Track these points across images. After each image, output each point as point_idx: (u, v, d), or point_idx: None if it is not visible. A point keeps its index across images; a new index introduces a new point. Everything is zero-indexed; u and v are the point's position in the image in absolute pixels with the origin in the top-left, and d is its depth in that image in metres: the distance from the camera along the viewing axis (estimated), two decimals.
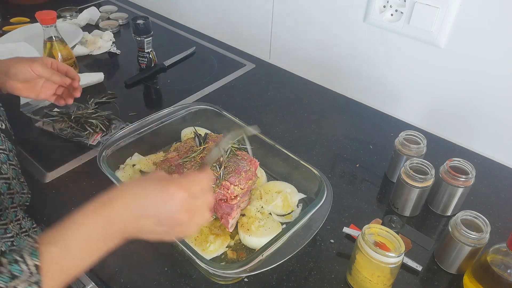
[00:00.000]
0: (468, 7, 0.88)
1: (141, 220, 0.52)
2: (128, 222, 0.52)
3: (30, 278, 0.45)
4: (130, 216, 0.52)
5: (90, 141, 0.96)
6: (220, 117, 0.95)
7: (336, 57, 1.17)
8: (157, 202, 0.53)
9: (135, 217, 0.52)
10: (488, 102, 0.95)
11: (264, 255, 0.66)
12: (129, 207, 0.52)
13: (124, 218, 0.52)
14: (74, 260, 0.49)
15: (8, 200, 0.70)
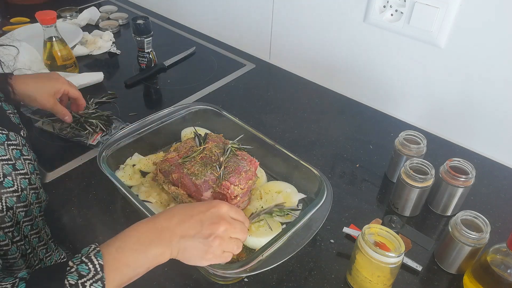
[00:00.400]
0: (468, 7, 0.88)
1: (185, 225, 0.58)
2: (173, 226, 0.58)
3: (95, 276, 0.51)
4: (176, 221, 0.59)
5: (90, 141, 0.96)
6: (220, 117, 0.95)
7: (336, 57, 1.17)
8: (201, 210, 0.60)
9: (180, 221, 0.59)
10: (488, 102, 0.95)
11: (264, 255, 0.66)
12: (175, 215, 0.59)
13: (170, 224, 0.58)
14: (129, 260, 0.54)
15: (33, 195, 0.71)
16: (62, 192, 0.87)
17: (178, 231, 0.58)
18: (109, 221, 0.81)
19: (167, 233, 0.57)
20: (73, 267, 0.51)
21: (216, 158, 0.78)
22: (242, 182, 0.75)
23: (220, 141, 0.84)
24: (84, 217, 0.81)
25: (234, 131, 0.90)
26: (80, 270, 0.51)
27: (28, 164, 0.71)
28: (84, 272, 0.51)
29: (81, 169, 0.92)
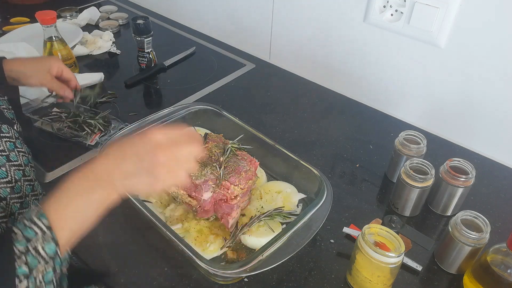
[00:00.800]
0: (468, 7, 0.88)
1: (123, 164, 0.55)
2: (111, 168, 0.55)
3: (45, 236, 0.50)
4: (112, 162, 0.55)
5: (88, 141, 0.96)
6: (220, 117, 0.95)
7: (336, 57, 1.17)
8: (134, 142, 0.55)
9: (116, 161, 0.55)
10: (488, 102, 0.95)
11: (264, 255, 0.66)
12: (109, 156, 0.56)
13: (108, 166, 0.55)
14: (74, 212, 0.53)
15: (28, 187, 0.70)
16: None
17: (117, 172, 0.55)
18: (109, 221, 0.81)
19: (105, 177, 0.54)
20: (18, 233, 0.50)
21: (216, 158, 0.78)
22: (242, 182, 0.75)
23: (220, 141, 0.84)
24: None
25: (234, 131, 0.90)
26: (26, 235, 0.49)
27: (22, 156, 0.71)
28: (31, 235, 0.50)
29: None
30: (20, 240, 0.49)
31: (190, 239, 0.74)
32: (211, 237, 0.75)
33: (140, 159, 0.55)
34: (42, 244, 0.50)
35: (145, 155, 0.54)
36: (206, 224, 0.78)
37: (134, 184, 0.55)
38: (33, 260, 0.49)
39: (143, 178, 0.55)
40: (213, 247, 0.74)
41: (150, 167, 0.54)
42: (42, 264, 0.50)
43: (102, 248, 0.76)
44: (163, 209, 0.80)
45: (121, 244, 0.77)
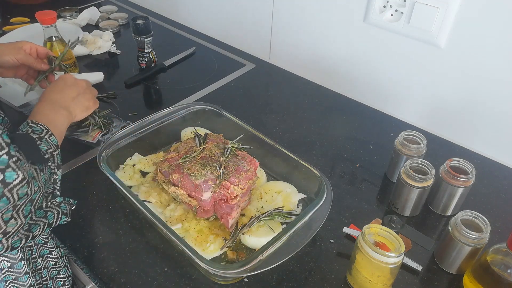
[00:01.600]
0: (468, 7, 0.88)
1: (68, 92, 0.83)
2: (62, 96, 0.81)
3: (48, 132, 0.70)
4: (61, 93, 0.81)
5: (90, 139, 0.96)
6: (220, 117, 0.95)
7: (336, 57, 1.17)
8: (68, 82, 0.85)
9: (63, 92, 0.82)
10: (488, 102, 0.95)
11: (264, 255, 0.66)
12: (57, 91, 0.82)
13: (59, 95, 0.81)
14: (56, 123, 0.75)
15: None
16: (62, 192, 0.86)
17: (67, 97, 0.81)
18: (109, 221, 0.81)
19: (59, 102, 0.79)
20: (28, 130, 0.67)
21: (216, 158, 0.78)
22: (242, 182, 0.75)
23: (220, 141, 0.84)
24: (84, 217, 0.81)
25: (234, 131, 0.90)
26: (35, 130, 0.68)
27: None
28: (38, 131, 0.68)
29: (81, 169, 0.92)
30: (31, 134, 0.66)
31: (190, 239, 0.74)
32: (211, 237, 0.75)
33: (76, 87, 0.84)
34: (48, 136, 0.69)
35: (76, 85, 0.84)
36: (206, 224, 0.78)
37: (79, 101, 0.83)
38: (47, 145, 0.67)
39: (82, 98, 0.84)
40: (213, 247, 0.74)
41: (82, 90, 0.85)
42: (53, 148, 0.68)
43: (102, 248, 0.76)
44: (163, 209, 0.80)
45: (121, 244, 0.77)
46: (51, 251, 0.75)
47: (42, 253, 0.74)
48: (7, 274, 0.67)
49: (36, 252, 0.73)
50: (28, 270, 0.69)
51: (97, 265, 0.73)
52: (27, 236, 0.61)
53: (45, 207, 0.66)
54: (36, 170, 0.62)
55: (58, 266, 0.78)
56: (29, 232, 0.62)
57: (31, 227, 0.62)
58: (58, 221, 0.68)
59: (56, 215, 0.67)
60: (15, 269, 0.67)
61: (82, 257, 0.75)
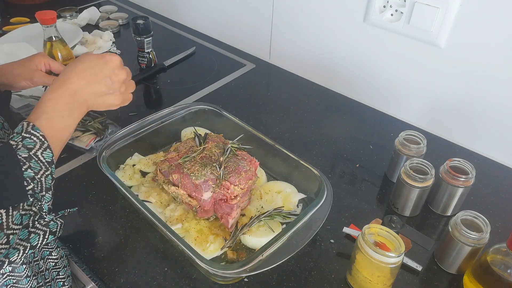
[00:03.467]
0: (468, 7, 0.88)
1: (97, 85, 0.66)
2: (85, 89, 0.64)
3: (42, 146, 0.57)
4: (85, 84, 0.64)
5: (83, 145, 0.95)
6: (220, 117, 0.95)
7: (336, 57, 1.17)
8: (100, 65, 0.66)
9: (90, 83, 0.65)
10: (488, 102, 0.95)
11: (264, 255, 0.66)
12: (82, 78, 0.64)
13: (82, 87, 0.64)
14: (59, 125, 0.61)
15: None
16: (62, 192, 0.87)
17: (91, 92, 0.65)
18: (109, 221, 0.81)
19: (80, 96, 0.64)
20: (18, 143, 0.55)
21: (216, 158, 0.78)
22: (242, 182, 0.75)
23: (220, 141, 0.84)
24: (84, 217, 0.81)
25: (234, 131, 0.90)
26: (26, 144, 0.55)
27: None
28: (31, 145, 0.56)
29: (81, 169, 0.92)
30: (21, 149, 0.55)
31: (190, 239, 0.74)
32: (211, 237, 0.75)
33: (110, 81, 0.67)
34: (41, 151, 0.56)
35: (113, 77, 0.67)
36: (206, 224, 0.78)
37: (105, 100, 0.68)
38: (36, 165, 0.56)
39: (110, 97, 0.68)
40: (213, 247, 0.74)
41: (117, 86, 0.68)
42: (43, 170, 0.56)
43: (102, 248, 0.76)
44: (163, 209, 0.80)
45: (121, 244, 0.77)
46: (51, 252, 0.75)
47: (43, 255, 0.74)
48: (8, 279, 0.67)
49: (38, 255, 0.73)
50: (30, 274, 0.69)
51: (97, 265, 0.73)
52: (3, 263, 0.54)
53: (31, 226, 0.58)
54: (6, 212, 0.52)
55: (57, 267, 0.78)
56: (6, 258, 0.55)
57: (9, 252, 0.55)
58: (43, 242, 0.60)
59: (41, 236, 0.59)
60: (16, 273, 0.67)
61: (82, 257, 0.75)
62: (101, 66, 0.66)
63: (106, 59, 0.67)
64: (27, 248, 0.57)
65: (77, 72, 0.64)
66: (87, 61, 0.66)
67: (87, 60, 0.66)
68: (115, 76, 0.67)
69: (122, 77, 0.68)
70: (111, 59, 0.67)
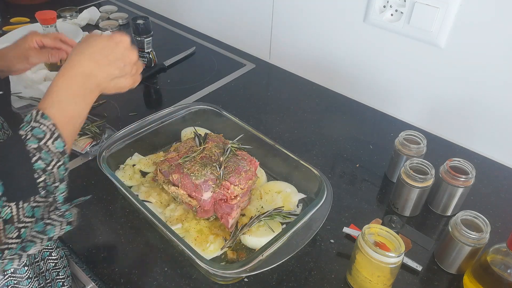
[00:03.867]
0: (468, 7, 0.88)
1: (108, 68, 0.63)
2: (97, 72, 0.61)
3: (53, 135, 0.54)
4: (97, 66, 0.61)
5: (78, 149, 0.93)
6: (220, 117, 0.95)
7: (336, 57, 1.17)
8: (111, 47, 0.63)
9: (101, 66, 0.62)
10: (488, 102, 0.95)
11: (264, 255, 0.66)
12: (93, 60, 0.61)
13: (94, 70, 0.61)
14: (74, 112, 0.58)
15: None
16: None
17: (104, 75, 0.62)
18: (109, 221, 0.81)
19: (93, 80, 0.61)
20: (27, 134, 0.52)
21: (216, 158, 0.78)
22: (242, 182, 0.75)
23: (220, 141, 0.84)
24: (84, 217, 0.81)
25: (234, 131, 0.90)
26: (36, 134, 0.52)
27: None
28: (41, 135, 0.53)
29: (81, 169, 0.92)
30: (30, 139, 0.52)
31: (190, 239, 0.74)
32: (211, 237, 0.75)
33: (122, 63, 0.64)
34: (52, 141, 0.53)
35: (125, 59, 0.65)
36: (206, 224, 0.78)
37: (117, 83, 0.65)
38: (47, 156, 0.53)
39: (123, 78, 0.66)
40: (213, 247, 0.74)
41: (129, 69, 0.66)
42: (55, 160, 0.53)
43: (102, 248, 0.76)
44: (163, 209, 0.80)
45: (121, 244, 0.77)
46: (51, 252, 0.75)
47: (43, 256, 0.74)
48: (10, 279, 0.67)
49: (38, 256, 0.73)
50: (31, 275, 0.69)
51: (97, 265, 0.73)
52: (20, 256, 0.53)
53: (46, 218, 0.57)
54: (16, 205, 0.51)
55: (57, 267, 0.78)
56: (22, 252, 0.53)
57: (25, 245, 0.54)
58: (60, 233, 0.58)
59: (58, 227, 0.58)
60: (17, 274, 0.67)
61: (82, 257, 0.75)
62: (112, 48, 0.63)
63: (117, 40, 0.64)
64: (44, 240, 0.56)
65: (88, 55, 0.61)
66: (97, 43, 0.63)
67: (97, 42, 0.63)
68: (127, 57, 0.65)
69: (134, 59, 0.66)
70: (121, 40, 0.65)
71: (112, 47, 0.63)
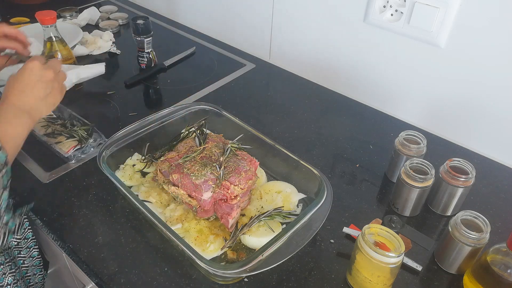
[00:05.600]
0: (468, 7, 0.88)
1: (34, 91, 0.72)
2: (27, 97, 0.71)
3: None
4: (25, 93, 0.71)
5: (63, 152, 0.93)
6: (220, 117, 0.95)
7: (336, 57, 1.17)
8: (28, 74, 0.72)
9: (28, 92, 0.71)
10: (488, 102, 0.95)
11: (264, 255, 0.66)
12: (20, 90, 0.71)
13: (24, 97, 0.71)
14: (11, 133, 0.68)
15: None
16: (62, 192, 0.87)
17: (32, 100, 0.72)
18: (109, 221, 0.81)
19: (25, 106, 0.71)
20: None
21: (216, 158, 0.78)
22: (242, 182, 0.75)
23: (220, 141, 0.84)
24: (84, 217, 0.81)
25: (234, 131, 0.90)
26: None
27: None
28: None
29: (81, 169, 0.92)
30: None
31: (190, 239, 0.74)
32: (211, 237, 0.75)
33: (43, 83, 0.73)
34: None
35: (43, 79, 0.73)
36: (206, 224, 0.78)
37: (47, 101, 0.74)
38: None
39: (51, 95, 0.75)
40: (213, 247, 0.74)
41: (51, 86, 0.74)
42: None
43: (102, 248, 0.76)
44: (163, 209, 0.80)
45: (121, 244, 0.77)
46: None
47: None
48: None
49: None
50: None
51: (97, 265, 0.73)
52: None
53: None
54: None
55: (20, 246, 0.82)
56: None
57: None
58: (3, 243, 0.62)
59: (1, 237, 0.62)
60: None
61: (82, 257, 0.75)
62: (28, 74, 0.72)
63: (28, 66, 0.73)
64: None
65: (15, 88, 0.71)
66: (19, 76, 0.72)
67: (19, 75, 0.73)
68: (44, 77, 0.73)
69: (50, 76, 0.74)
70: (31, 65, 0.73)
71: (27, 74, 0.72)
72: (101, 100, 1.14)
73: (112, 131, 0.89)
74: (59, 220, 0.81)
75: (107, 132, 0.97)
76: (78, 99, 1.11)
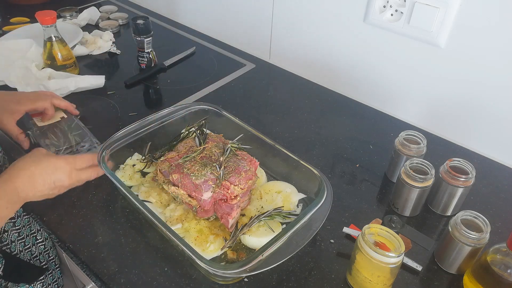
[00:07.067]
0: (468, 7, 0.88)
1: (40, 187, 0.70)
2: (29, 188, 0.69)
3: None
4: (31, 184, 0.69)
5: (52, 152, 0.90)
6: (220, 117, 0.95)
7: (336, 57, 1.17)
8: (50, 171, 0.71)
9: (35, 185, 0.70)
10: (488, 102, 0.95)
11: (264, 255, 0.66)
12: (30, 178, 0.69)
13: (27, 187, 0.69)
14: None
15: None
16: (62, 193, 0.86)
17: (32, 192, 0.70)
18: (109, 221, 0.81)
19: (23, 194, 0.68)
20: None
21: (216, 158, 0.78)
22: (242, 182, 0.75)
23: (220, 141, 0.84)
24: (84, 217, 0.81)
25: (234, 131, 0.89)
26: None
27: None
28: None
29: None
30: None
31: (190, 239, 0.74)
32: (211, 237, 0.75)
33: (54, 185, 0.72)
34: None
35: (57, 182, 0.72)
36: (206, 224, 0.78)
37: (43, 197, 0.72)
38: None
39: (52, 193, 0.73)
40: (213, 247, 0.74)
41: (57, 191, 0.74)
42: None
43: (102, 248, 0.76)
44: (163, 209, 0.80)
45: (121, 244, 0.77)
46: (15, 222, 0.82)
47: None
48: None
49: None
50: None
51: (97, 265, 0.73)
52: None
53: None
54: None
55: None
56: None
57: None
58: None
59: None
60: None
61: (82, 257, 0.75)
62: (50, 173, 0.71)
63: (57, 166, 0.72)
64: None
65: (29, 173, 0.69)
66: (39, 167, 0.70)
67: (40, 165, 0.70)
68: (59, 181, 0.73)
69: (65, 184, 0.74)
70: (62, 167, 0.72)
71: (52, 170, 0.71)
72: (101, 100, 1.14)
73: (112, 131, 0.89)
74: (59, 220, 0.81)
75: (107, 132, 0.96)
76: (78, 99, 1.10)
